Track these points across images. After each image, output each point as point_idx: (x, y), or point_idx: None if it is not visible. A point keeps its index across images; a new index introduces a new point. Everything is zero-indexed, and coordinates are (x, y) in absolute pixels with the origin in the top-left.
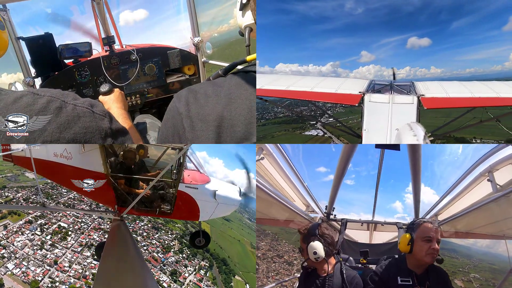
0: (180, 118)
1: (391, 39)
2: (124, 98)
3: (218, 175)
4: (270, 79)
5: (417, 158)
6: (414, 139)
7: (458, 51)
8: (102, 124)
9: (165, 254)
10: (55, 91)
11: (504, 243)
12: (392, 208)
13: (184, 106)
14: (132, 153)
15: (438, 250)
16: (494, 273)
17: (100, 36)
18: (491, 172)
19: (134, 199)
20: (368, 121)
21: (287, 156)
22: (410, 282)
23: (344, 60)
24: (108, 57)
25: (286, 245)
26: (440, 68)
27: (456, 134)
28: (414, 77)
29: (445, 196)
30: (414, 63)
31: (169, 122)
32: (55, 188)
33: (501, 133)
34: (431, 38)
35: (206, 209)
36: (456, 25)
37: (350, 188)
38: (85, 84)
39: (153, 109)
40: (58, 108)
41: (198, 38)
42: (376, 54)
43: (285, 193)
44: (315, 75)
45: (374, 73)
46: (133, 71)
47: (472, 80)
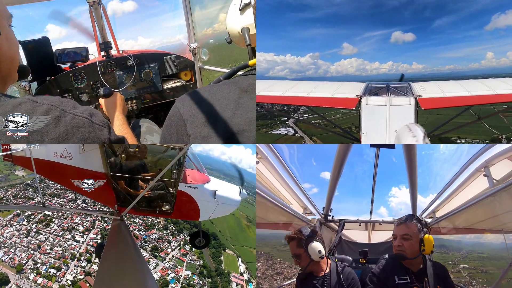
0: (184, 124)
1: (375, 33)
2: (124, 103)
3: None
4: (265, 85)
5: (413, 156)
6: (413, 140)
7: (439, 49)
8: (101, 135)
9: (147, 231)
10: (54, 99)
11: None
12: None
13: (188, 112)
14: (132, 156)
15: (398, 246)
16: (482, 261)
17: (97, 41)
18: (487, 167)
19: (134, 199)
20: (366, 124)
21: (282, 159)
22: (407, 280)
23: (325, 52)
24: (104, 62)
25: (282, 263)
26: (421, 64)
27: (446, 134)
28: (396, 72)
29: (442, 192)
30: (396, 58)
31: (173, 128)
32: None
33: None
34: (415, 34)
35: (206, 209)
36: (439, 23)
37: (346, 188)
38: (81, 89)
39: (150, 114)
40: (57, 118)
41: (194, 44)
42: (358, 47)
43: (281, 196)
44: (293, 66)
45: (357, 67)
46: (130, 77)
47: (451, 77)
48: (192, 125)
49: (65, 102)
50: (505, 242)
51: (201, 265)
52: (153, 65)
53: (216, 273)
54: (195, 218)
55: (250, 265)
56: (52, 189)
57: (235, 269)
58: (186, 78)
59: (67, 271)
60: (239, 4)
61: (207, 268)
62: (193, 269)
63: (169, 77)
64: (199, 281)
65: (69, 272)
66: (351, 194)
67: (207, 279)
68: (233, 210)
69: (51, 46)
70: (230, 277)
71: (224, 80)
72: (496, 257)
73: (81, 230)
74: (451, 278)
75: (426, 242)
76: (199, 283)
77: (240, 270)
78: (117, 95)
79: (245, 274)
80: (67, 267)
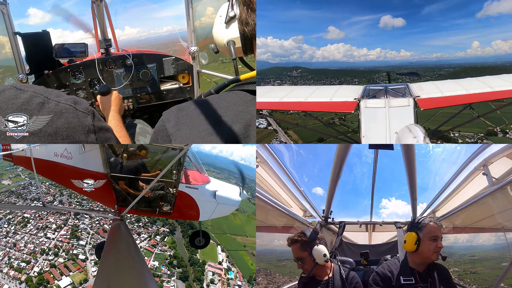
0: (169, 138)
1: (363, 18)
2: (121, 102)
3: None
4: (262, 91)
5: (412, 157)
6: (414, 141)
7: (427, 36)
8: (85, 121)
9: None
10: (38, 87)
11: (484, 235)
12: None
13: (173, 127)
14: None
15: (440, 248)
16: (473, 263)
17: (97, 38)
18: (486, 166)
19: (134, 199)
20: (366, 127)
21: (281, 162)
22: (412, 280)
23: (309, 35)
24: (103, 59)
25: (281, 277)
26: (409, 51)
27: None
28: (384, 59)
29: (442, 192)
30: (385, 45)
31: (159, 142)
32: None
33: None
34: (406, 20)
35: (206, 209)
36: (428, 10)
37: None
38: (78, 85)
39: (145, 114)
40: (40, 104)
41: (194, 48)
42: (346, 32)
43: (281, 199)
44: (276, 49)
45: (344, 53)
46: (128, 76)
47: (438, 65)
48: (177, 139)
49: (50, 91)
50: (506, 239)
51: (172, 255)
52: (151, 66)
53: (190, 263)
54: (195, 218)
55: (231, 253)
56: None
57: (213, 258)
58: (184, 81)
59: (36, 264)
60: (225, 17)
61: (178, 258)
62: (161, 260)
63: (167, 79)
64: (166, 271)
65: (37, 265)
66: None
67: (177, 269)
68: (233, 210)
69: (50, 40)
70: (206, 266)
71: (213, 93)
72: (487, 258)
73: (54, 228)
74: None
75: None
76: (167, 273)
77: (219, 259)
78: (114, 93)
79: (224, 263)
80: (36, 261)
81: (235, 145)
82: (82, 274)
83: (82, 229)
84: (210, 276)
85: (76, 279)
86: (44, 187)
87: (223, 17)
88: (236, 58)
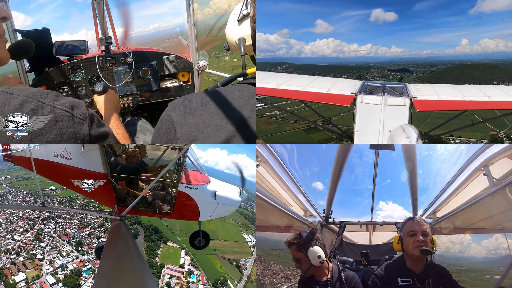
0: (174, 127)
1: (354, 13)
2: (117, 100)
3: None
4: (260, 77)
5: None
6: (407, 141)
7: (417, 33)
8: (80, 130)
9: (79, 230)
10: (33, 91)
11: (477, 247)
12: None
13: (179, 116)
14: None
15: (424, 241)
16: (458, 272)
17: (98, 35)
18: (487, 166)
19: (134, 199)
20: (360, 123)
21: (282, 161)
22: (410, 282)
23: (296, 30)
24: (103, 57)
25: (276, 265)
26: (400, 47)
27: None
28: (375, 55)
29: (443, 192)
30: (376, 41)
31: (163, 131)
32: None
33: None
34: (398, 15)
35: (206, 210)
36: (419, 7)
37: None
38: (78, 83)
39: (145, 112)
40: (32, 111)
41: (204, 62)
42: (335, 27)
43: (282, 198)
44: (261, 44)
45: (333, 48)
46: (128, 73)
47: (428, 61)
48: (182, 129)
49: (45, 94)
50: (507, 240)
51: None
52: (151, 64)
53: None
54: (195, 218)
55: (198, 257)
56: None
57: (175, 261)
58: (184, 79)
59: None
60: (238, 14)
61: None
62: None
63: (167, 77)
64: None
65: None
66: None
67: None
68: (233, 210)
69: (51, 37)
70: (164, 269)
71: (220, 87)
72: (473, 270)
73: (21, 231)
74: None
75: (434, 241)
76: None
77: (181, 261)
78: (111, 92)
79: (186, 266)
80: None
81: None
82: (36, 272)
83: (46, 233)
84: (166, 279)
85: (30, 276)
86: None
87: (236, 15)
88: (245, 54)
